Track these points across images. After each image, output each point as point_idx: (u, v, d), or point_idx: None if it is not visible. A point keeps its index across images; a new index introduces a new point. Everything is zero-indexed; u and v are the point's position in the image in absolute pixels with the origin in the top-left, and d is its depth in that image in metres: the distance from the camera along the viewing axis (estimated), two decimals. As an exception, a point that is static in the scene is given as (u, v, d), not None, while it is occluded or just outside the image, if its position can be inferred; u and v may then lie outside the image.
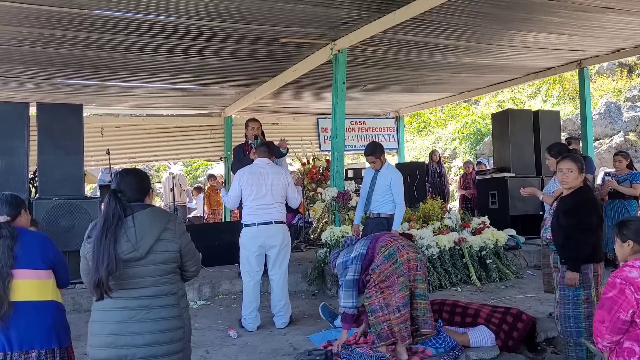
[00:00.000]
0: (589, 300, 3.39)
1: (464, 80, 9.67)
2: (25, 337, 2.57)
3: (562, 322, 3.51)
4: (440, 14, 5.87)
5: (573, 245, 3.42)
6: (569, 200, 3.54)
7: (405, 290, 3.74)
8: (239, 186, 4.88)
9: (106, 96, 9.30)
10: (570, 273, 3.43)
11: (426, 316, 3.79)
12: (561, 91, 15.90)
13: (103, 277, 2.28)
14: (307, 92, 9.79)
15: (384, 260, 3.78)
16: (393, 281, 3.75)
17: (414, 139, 18.22)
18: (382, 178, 5.29)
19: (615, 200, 6.50)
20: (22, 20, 5.54)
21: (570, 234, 3.44)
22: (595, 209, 3.50)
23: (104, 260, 2.29)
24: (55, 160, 5.92)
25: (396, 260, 3.76)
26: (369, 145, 5.47)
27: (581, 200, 3.47)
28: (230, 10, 5.55)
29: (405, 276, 3.76)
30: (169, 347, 2.42)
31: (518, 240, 7.18)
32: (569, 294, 3.47)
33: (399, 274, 3.75)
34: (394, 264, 3.76)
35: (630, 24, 6.73)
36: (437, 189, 10.33)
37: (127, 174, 2.60)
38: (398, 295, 3.72)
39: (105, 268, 2.28)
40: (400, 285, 3.73)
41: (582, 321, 3.40)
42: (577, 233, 3.40)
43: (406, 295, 3.74)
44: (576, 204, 3.47)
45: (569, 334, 3.46)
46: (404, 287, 3.74)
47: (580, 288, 3.42)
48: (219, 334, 4.66)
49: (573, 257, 3.43)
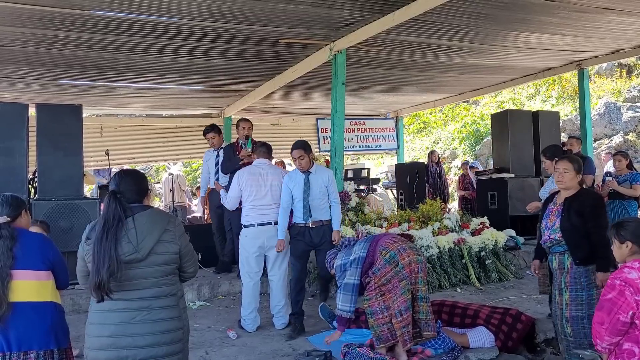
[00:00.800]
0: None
1: (464, 80, 9.67)
2: (24, 338, 2.57)
3: (575, 324, 3.43)
4: (440, 14, 5.87)
5: (603, 246, 3.23)
6: (584, 201, 3.50)
7: (407, 294, 3.72)
8: (239, 187, 4.89)
9: (106, 97, 9.29)
10: (602, 274, 3.34)
11: (428, 318, 3.78)
12: (560, 92, 15.91)
13: (104, 278, 2.28)
14: (306, 92, 9.79)
15: (385, 263, 3.75)
16: (394, 285, 3.73)
17: (413, 139, 18.23)
18: (316, 179, 4.73)
19: (615, 200, 6.51)
20: (21, 20, 5.53)
21: (593, 235, 3.41)
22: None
23: (105, 262, 2.28)
24: (54, 160, 5.92)
25: (397, 264, 3.74)
26: (299, 141, 4.84)
27: (598, 201, 3.50)
28: (229, 11, 5.54)
29: (407, 279, 3.73)
30: (169, 348, 2.42)
31: (517, 241, 7.19)
32: (582, 295, 3.43)
33: (401, 278, 3.72)
34: (395, 267, 3.74)
35: (629, 25, 6.73)
36: (438, 189, 10.33)
37: (126, 175, 2.59)
38: (400, 299, 3.70)
39: (106, 270, 2.28)
40: (402, 289, 3.71)
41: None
42: (603, 234, 3.20)
43: (408, 299, 3.72)
44: (594, 205, 3.48)
45: (583, 336, 3.38)
46: (405, 290, 3.71)
47: (593, 288, 3.42)
48: (219, 334, 4.66)
49: (604, 258, 3.31)
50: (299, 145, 4.71)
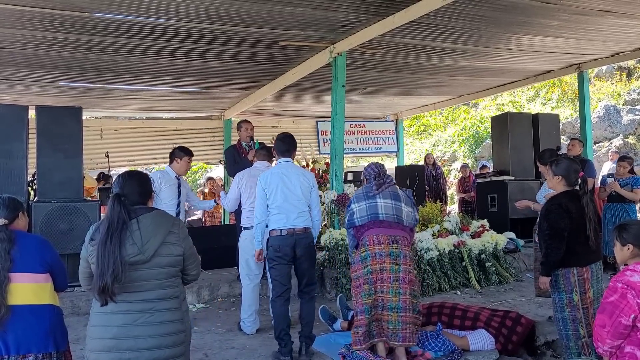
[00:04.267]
0: (571, 304, 3.40)
1: (464, 83, 9.68)
2: (22, 341, 2.55)
3: (556, 325, 3.56)
4: (440, 17, 5.88)
5: (543, 250, 3.48)
6: (544, 206, 3.60)
7: (367, 298, 3.61)
8: (238, 189, 4.89)
9: (106, 99, 9.30)
10: (541, 277, 3.52)
11: (397, 329, 3.57)
12: (560, 94, 15.93)
13: (108, 282, 2.26)
14: (306, 94, 9.80)
15: (359, 260, 3.70)
16: (359, 284, 3.67)
17: (413, 142, 18.24)
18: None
19: (615, 203, 6.52)
20: (21, 22, 5.54)
21: (542, 239, 3.49)
22: (566, 215, 3.43)
23: (109, 266, 2.27)
24: (54, 163, 5.91)
25: (367, 266, 3.64)
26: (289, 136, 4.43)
27: (552, 205, 3.50)
28: (229, 13, 5.55)
29: (370, 285, 3.62)
30: (171, 350, 2.41)
31: (517, 244, 7.18)
32: (555, 298, 3.51)
33: (365, 281, 3.64)
34: (364, 268, 3.66)
35: (629, 28, 6.74)
36: (434, 192, 10.33)
37: (129, 177, 2.57)
38: (359, 300, 3.65)
39: (110, 274, 2.26)
40: (363, 292, 3.63)
41: (569, 325, 3.42)
42: (547, 238, 3.44)
43: (366, 303, 3.61)
44: (547, 210, 3.51)
45: (562, 337, 3.50)
46: (365, 294, 3.62)
47: (562, 292, 3.44)
48: (218, 337, 4.65)
49: (542, 262, 3.50)
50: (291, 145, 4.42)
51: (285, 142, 4.34)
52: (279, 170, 4.23)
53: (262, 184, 4.17)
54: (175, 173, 5.33)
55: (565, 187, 3.53)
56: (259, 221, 4.20)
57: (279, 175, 4.18)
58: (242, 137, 6.31)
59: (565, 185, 3.53)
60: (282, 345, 4.02)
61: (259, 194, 4.18)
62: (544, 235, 3.46)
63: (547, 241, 3.43)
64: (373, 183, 3.88)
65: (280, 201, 4.11)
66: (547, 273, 3.47)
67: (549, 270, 3.46)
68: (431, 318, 4.35)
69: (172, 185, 5.26)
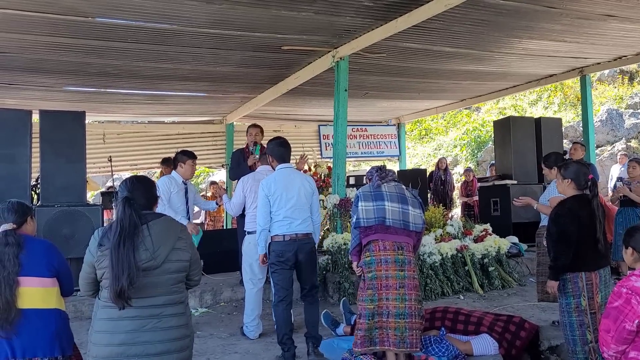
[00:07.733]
0: (579, 309, 3.39)
1: (466, 87, 9.69)
2: (28, 345, 2.56)
3: (562, 330, 3.54)
4: (442, 21, 5.89)
5: (552, 254, 3.48)
6: (553, 210, 3.59)
7: (369, 303, 3.59)
8: (243, 193, 4.89)
9: (109, 103, 9.32)
10: (549, 281, 3.50)
11: (405, 335, 3.54)
12: (563, 98, 15.91)
13: (124, 286, 2.26)
14: (308, 99, 9.81)
15: (364, 264, 3.68)
16: (363, 286, 3.66)
17: (415, 145, 18.22)
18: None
19: (627, 207, 6.31)
20: (26, 27, 5.56)
21: (550, 243, 3.49)
22: (575, 219, 3.42)
23: (124, 270, 2.26)
24: (57, 167, 5.91)
25: (372, 271, 3.62)
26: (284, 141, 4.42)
27: (561, 209, 3.49)
28: (232, 18, 5.57)
29: (374, 291, 3.60)
30: (178, 355, 2.42)
31: (520, 248, 7.17)
32: (563, 303, 3.50)
33: (369, 286, 3.62)
34: (369, 273, 3.64)
35: (631, 32, 6.75)
36: (439, 196, 10.31)
37: (138, 181, 2.58)
38: (362, 304, 3.64)
39: (126, 278, 2.26)
40: (366, 297, 3.61)
41: (576, 329, 3.41)
42: (555, 243, 3.45)
43: (368, 308, 3.59)
44: (556, 214, 3.50)
45: (568, 342, 3.48)
46: (368, 300, 3.60)
47: (570, 296, 3.43)
48: (221, 341, 4.65)
49: (551, 266, 3.49)
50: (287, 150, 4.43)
51: (284, 147, 4.35)
52: (281, 176, 4.23)
53: (265, 190, 4.15)
54: (182, 178, 5.32)
55: (575, 190, 3.52)
56: (262, 228, 4.17)
57: (282, 181, 4.17)
58: (248, 142, 6.33)
59: (574, 189, 3.52)
60: (285, 350, 4.02)
61: (261, 200, 4.16)
62: (552, 239, 3.45)
63: (556, 245, 3.42)
64: (375, 175, 3.84)
65: (285, 208, 4.10)
66: (555, 277, 3.46)
67: (557, 275, 3.44)
68: (434, 323, 4.33)
69: (179, 191, 5.25)
